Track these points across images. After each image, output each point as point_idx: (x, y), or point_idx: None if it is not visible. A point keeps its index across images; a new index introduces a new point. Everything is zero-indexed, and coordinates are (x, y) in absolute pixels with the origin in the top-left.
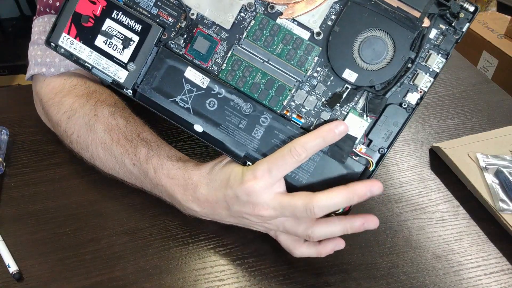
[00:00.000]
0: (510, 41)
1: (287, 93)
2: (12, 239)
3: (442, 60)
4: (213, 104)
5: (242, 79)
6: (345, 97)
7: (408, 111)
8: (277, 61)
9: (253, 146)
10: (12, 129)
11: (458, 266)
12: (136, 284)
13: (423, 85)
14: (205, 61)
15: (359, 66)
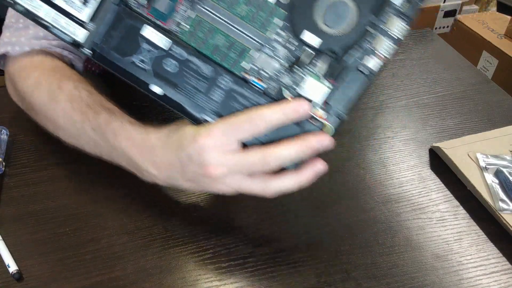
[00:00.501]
0: (510, 41)
1: (249, 56)
2: (12, 239)
3: (405, 26)
4: (173, 65)
5: (203, 41)
6: (306, 61)
7: (367, 76)
8: (240, 23)
9: (213, 109)
10: (12, 129)
11: (458, 266)
12: (136, 284)
13: (383, 51)
14: (165, 20)
15: (321, 30)
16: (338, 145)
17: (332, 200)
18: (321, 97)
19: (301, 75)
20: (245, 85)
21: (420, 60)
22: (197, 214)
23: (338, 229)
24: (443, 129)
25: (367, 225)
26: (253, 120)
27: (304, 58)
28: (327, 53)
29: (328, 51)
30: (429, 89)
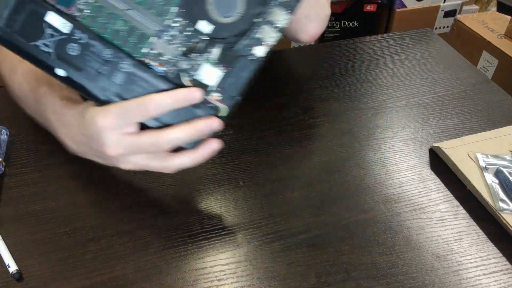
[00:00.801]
0: (510, 41)
1: (147, 41)
2: (12, 239)
3: (287, 16)
4: (75, 49)
5: (103, 26)
6: (201, 47)
7: (256, 62)
8: (138, 9)
9: (114, 92)
10: (12, 129)
11: (458, 266)
12: (136, 284)
13: (269, 39)
14: (68, 6)
15: (214, 18)
16: (338, 145)
17: (332, 200)
18: (215, 81)
19: (197, 61)
20: (145, 69)
21: (420, 60)
22: (197, 214)
23: (338, 229)
24: (443, 129)
25: (367, 225)
26: (144, 104)
27: (199, 45)
28: (219, 40)
29: (220, 38)
30: (429, 89)
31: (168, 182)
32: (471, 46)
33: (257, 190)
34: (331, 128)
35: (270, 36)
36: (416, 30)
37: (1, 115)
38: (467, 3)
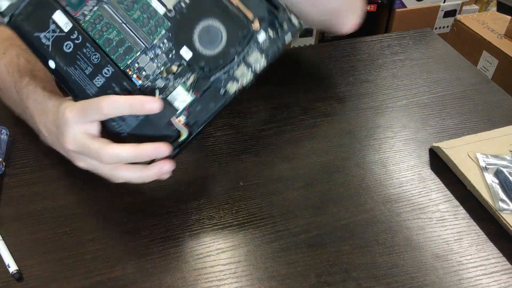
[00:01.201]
0: (510, 41)
1: (133, 54)
2: (12, 239)
3: (264, 62)
4: (69, 47)
5: (99, 32)
6: (179, 71)
7: (224, 97)
8: (132, 25)
9: (91, 91)
10: (12, 129)
11: (458, 266)
12: (136, 284)
13: (243, 78)
14: (75, 9)
15: (196, 47)
16: (338, 145)
17: (332, 200)
18: (184, 105)
19: (173, 83)
20: (124, 79)
21: (420, 60)
22: (197, 214)
23: (338, 229)
24: (443, 129)
25: (367, 225)
26: (100, 102)
27: (178, 69)
28: (197, 69)
29: (198, 67)
30: (429, 89)
31: (168, 182)
32: (471, 46)
33: (257, 190)
34: (331, 128)
35: (245, 76)
36: (416, 30)
37: (1, 115)
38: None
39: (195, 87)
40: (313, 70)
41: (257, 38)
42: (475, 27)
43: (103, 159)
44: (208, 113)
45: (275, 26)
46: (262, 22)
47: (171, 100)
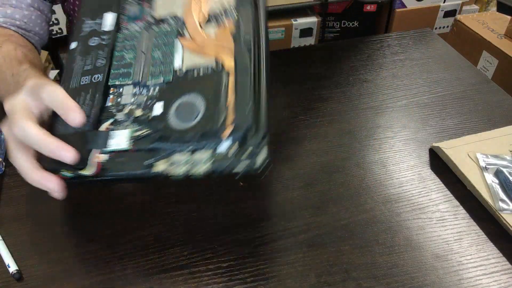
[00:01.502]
0: (510, 41)
1: (126, 80)
2: (12, 239)
3: (204, 170)
4: (94, 42)
5: (122, 47)
6: (140, 118)
7: (145, 169)
8: (147, 59)
9: (72, 84)
10: None
11: (458, 266)
12: (136, 284)
13: (174, 167)
14: (127, 21)
15: (169, 110)
16: (338, 145)
17: (332, 200)
18: (114, 147)
19: (128, 123)
20: (101, 93)
21: (420, 60)
22: (197, 215)
23: (338, 229)
24: (443, 129)
25: (367, 225)
26: (47, 86)
27: (141, 116)
28: (153, 127)
29: (155, 126)
30: (429, 89)
31: (168, 182)
32: (471, 46)
33: (257, 190)
34: (331, 128)
35: (178, 167)
36: (416, 30)
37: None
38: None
39: (136, 141)
40: (313, 70)
41: (218, 143)
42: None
43: (14, 126)
44: (123, 171)
45: (244, 146)
46: (234, 133)
47: (110, 135)
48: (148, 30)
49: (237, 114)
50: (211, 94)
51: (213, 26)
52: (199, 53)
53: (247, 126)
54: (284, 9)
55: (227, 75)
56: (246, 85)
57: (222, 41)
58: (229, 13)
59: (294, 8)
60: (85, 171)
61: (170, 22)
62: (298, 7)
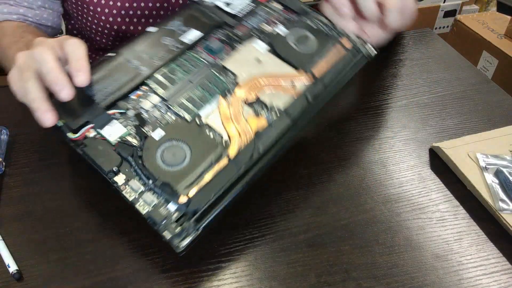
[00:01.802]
0: (510, 41)
1: (158, 89)
2: (12, 239)
3: (143, 211)
4: (163, 45)
5: (180, 66)
6: (141, 129)
7: (111, 170)
8: (186, 88)
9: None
10: (12, 129)
11: (458, 266)
12: (136, 284)
13: (126, 188)
14: (212, 54)
15: (161, 143)
16: (338, 145)
17: (332, 200)
18: (104, 133)
19: (131, 124)
20: (137, 84)
21: (420, 60)
22: None
23: (338, 229)
24: (443, 129)
25: (367, 225)
26: (68, 38)
27: (143, 129)
28: (140, 145)
29: (142, 149)
30: (429, 89)
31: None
32: (471, 46)
33: (257, 190)
34: (331, 128)
35: (130, 192)
36: (416, 30)
37: (1, 115)
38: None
39: (121, 144)
40: None
41: (170, 201)
42: (475, 27)
43: (36, 51)
44: (93, 157)
45: (182, 221)
46: (186, 205)
47: (110, 122)
48: (210, 69)
49: (200, 193)
50: (199, 159)
51: (252, 110)
52: (223, 120)
53: (196, 209)
54: None
55: (222, 158)
56: (225, 179)
57: (245, 128)
58: (271, 113)
59: None
60: (71, 133)
61: (228, 78)
62: None
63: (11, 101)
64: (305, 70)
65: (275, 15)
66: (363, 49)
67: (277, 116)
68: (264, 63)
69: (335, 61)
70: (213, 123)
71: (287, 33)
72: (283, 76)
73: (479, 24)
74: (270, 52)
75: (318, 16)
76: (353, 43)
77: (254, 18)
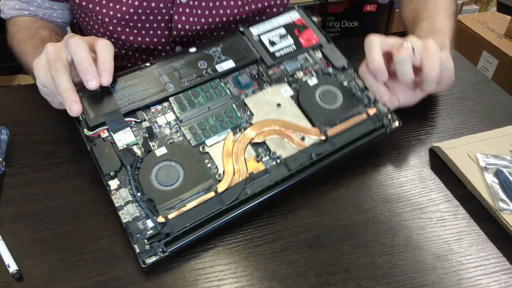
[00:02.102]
0: (510, 41)
1: (175, 108)
2: (12, 239)
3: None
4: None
5: (204, 91)
6: (148, 141)
7: (108, 174)
8: (203, 115)
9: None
10: (12, 129)
11: (458, 266)
12: (136, 284)
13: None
14: (239, 88)
15: (161, 163)
16: None
17: (332, 200)
18: (115, 137)
19: (141, 134)
20: (161, 99)
21: None
22: None
23: (338, 229)
24: (443, 129)
25: (367, 225)
26: (99, 39)
27: (148, 141)
28: (142, 157)
29: (142, 159)
30: None
31: None
32: (471, 46)
33: None
34: None
35: (118, 199)
36: None
37: (1, 115)
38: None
39: (127, 151)
40: None
41: (149, 218)
42: (475, 27)
43: (70, 40)
44: (99, 156)
45: (154, 240)
46: (162, 226)
47: (124, 128)
48: (231, 101)
49: (178, 218)
50: (189, 185)
51: (254, 152)
52: (223, 154)
53: (169, 233)
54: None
55: (210, 190)
56: (206, 212)
57: (241, 168)
58: (271, 159)
59: None
60: (87, 129)
61: (244, 116)
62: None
63: (11, 101)
64: (320, 128)
65: (313, 65)
66: (386, 120)
67: (276, 164)
68: (283, 108)
69: (352, 125)
70: (214, 154)
71: (316, 84)
72: (296, 128)
73: (479, 24)
74: (293, 99)
75: (356, 78)
76: (378, 111)
77: (292, 63)
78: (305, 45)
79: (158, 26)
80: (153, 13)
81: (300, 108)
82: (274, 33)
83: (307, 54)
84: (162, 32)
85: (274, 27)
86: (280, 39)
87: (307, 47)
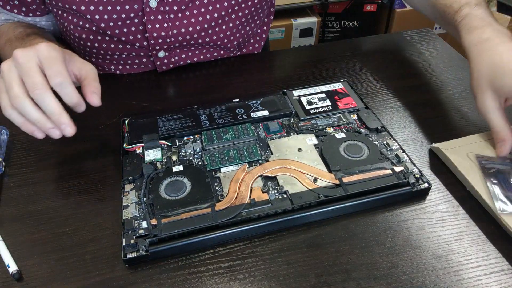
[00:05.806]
0: None
1: (203, 137)
2: (12, 239)
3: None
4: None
5: (234, 129)
6: (173, 155)
7: (127, 179)
8: (226, 148)
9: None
10: (12, 129)
11: (458, 266)
12: (136, 284)
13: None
14: (267, 135)
15: (172, 177)
16: None
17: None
18: (145, 152)
19: (166, 154)
20: (195, 125)
21: (420, 60)
22: None
23: (338, 229)
24: (443, 129)
25: (367, 225)
26: (84, 62)
27: (171, 156)
28: (161, 170)
29: (158, 171)
30: (429, 89)
31: None
32: None
33: None
34: None
35: (126, 198)
36: (416, 30)
37: (1, 115)
38: None
39: (146, 165)
40: (313, 70)
41: (145, 220)
42: None
43: (51, 65)
44: (126, 165)
45: (141, 238)
46: (154, 229)
47: (154, 147)
48: (255, 141)
49: (169, 224)
50: (191, 200)
51: (262, 184)
52: (232, 180)
53: (156, 235)
54: (284, 9)
55: (208, 207)
56: (196, 223)
57: (245, 194)
58: (277, 193)
59: (294, 8)
60: (126, 144)
61: (263, 153)
62: (298, 7)
63: None
64: (336, 174)
65: (346, 124)
66: (413, 178)
67: (281, 198)
68: (303, 153)
69: (372, 177)
70: (224, 179)
71: (343, 138)
72: (311, 169)
73: None
74: (316, 146)
75: (390, 142)
76: (406, 169)
77: (324, 119)
78: (341, 107)
79: (135, 34)
80: (125, 23)
81: (321, 155)
82: (314, 96)
83: (341, 115)
84: (141, 41)
85: (315, 92)
86: (318, 101)
87: (343, 108)
